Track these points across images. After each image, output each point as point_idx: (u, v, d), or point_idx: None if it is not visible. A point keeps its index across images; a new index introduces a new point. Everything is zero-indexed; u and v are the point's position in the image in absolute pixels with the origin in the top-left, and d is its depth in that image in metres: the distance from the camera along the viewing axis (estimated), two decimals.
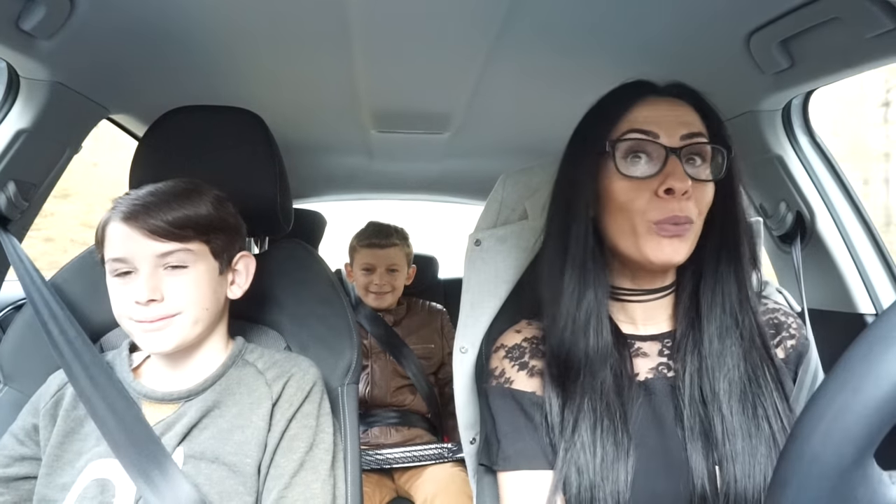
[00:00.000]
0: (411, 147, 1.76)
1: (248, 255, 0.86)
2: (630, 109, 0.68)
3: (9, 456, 0.78)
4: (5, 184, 1.01)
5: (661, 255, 0.66)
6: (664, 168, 0.65)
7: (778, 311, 0.76)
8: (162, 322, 0.74)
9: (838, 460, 0.35)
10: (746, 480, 0.63)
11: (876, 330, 0.36)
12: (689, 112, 0.69)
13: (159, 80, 1.16)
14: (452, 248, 2.44)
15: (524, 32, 0.97)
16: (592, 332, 0.69)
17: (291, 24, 0.95)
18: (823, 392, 0.36)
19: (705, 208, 0.67)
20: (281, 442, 0.77)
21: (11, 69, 0.95)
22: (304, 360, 0.86)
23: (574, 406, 0.68)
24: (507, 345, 0.77)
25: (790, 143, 1.19)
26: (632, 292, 0.73)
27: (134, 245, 0.73)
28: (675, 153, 0.65)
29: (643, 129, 0.67)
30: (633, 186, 0.67)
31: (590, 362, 0.68)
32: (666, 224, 0.65)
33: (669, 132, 0.66)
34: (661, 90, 0.71)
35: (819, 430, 0.35)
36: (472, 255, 0.91)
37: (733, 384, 0.67)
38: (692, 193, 0.65)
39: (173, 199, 0.76)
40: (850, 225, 1.17)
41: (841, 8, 0.79)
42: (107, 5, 0.86)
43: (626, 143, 0.67)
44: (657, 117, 0.67)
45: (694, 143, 0.67)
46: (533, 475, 0.70)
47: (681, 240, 0.65)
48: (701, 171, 0.68)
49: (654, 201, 0.65)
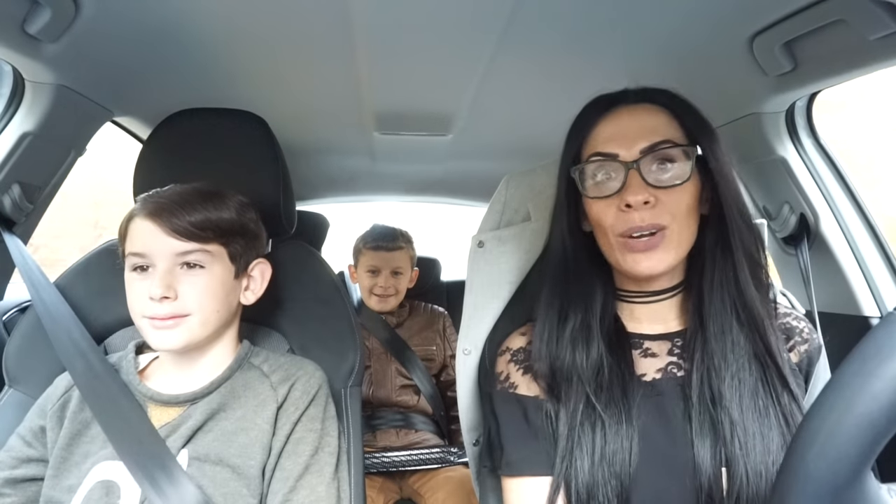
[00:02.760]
0: (414, 149, 1.77)
1: (264, 262, 0.86)
2: (592, 129, 0.71)
3: (16, 457, 0.78)
4: (10, 186, 1.01)
5: (639, 268, 0.67)
6: (625, 183, 0.67)
7: (790, 315, 0.75)
8: (173, 321, 0.74)
9: (834, 479, 0.34)
10: (758, 479, 0.63)
11: (869, 345, 0.35)
12: (654, 116, 0.69)
13: (163, 84, 1.17)
14: (455, 250, 2.44)
15: (527, 34, 0.98)
16: (581, 348, 0.70)
17: (294, 27, 0.96)
18: (818, 410, 0.36)
19: (683, 211, 0.67)
20: (286, 445, 0.78)
21: (17, 72, 0.95)
22: (310, 363, 0.86)
23: (570, 408, 0.68)
24: (512, 348, 0.77)
25: (794, 145, 1.18)
26: (637, 294, 0.74)
27: (155, 241, 0.74)
28: (635, 166, 0.66)
29: (602, 152, 0.69)
30: (602, 205, 0.69)
31: (580, 374, 0.69)
32: (628, 236, 0.66)
33: (629, 146, 0.67)
34: (628, 98, 0.72)
35: (814, 448, 0.35)
36: (474, 256, 0.91)
37: (743, 383, 0.67)
38: (660, 200, 0.66)
39: (198, 201, 0.77)
40: (854, 227, 1.17)
41: (845, 10, 0.79)
42: (111, 9, 0.86)
43: (590, 167, 0.70)
44: (618, 132, 0.69)
45: (656, 152, 0.67)
46: (536, 481, 0.70)
47: (655, 249, 0.66)
48: (672, 176, 0.68)
49: (619, 216, 0.67)
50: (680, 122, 0.70)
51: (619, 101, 0.71)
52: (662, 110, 0.70)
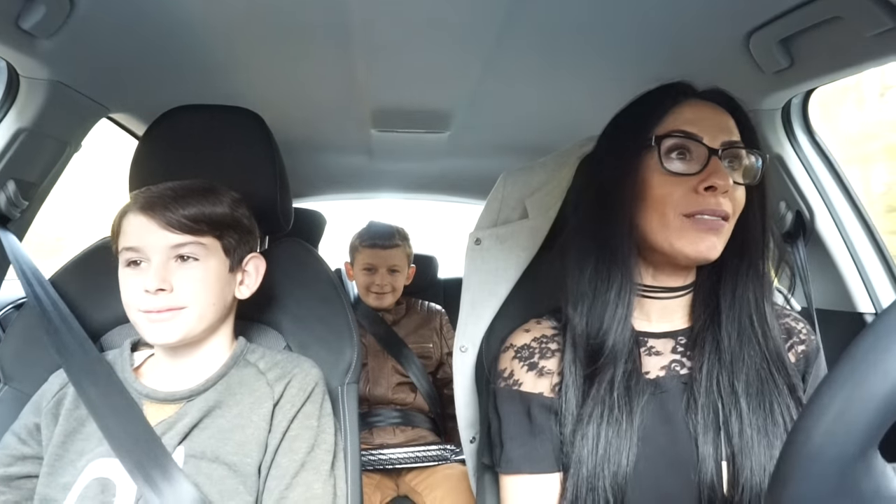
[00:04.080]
0: (411, 146, 1.76)
1: (258, 257, 0.86)
2: (674, 109, 0.70)
3: (10, 455, 0.78)
4: (5, 183, 1.01)
5: (700, 247, 0.67)
6: (706, 167, 0.67)
7: (788, 315, 0.77)
8: (169, 313, 0.74)
9: (841, 454, 0.34)
10: (763, 474, 0.64)
11: (882, 323, 0.35)
12: (727, 118, 0.71)
13: (159, 80, 1.16)
14: (452, 247, 2.44)
15: (525, 32, 0.97)
16: (619, 326, 0.70)
17: (291, 23, 0.95)
18: (828, 386, 0.36)
19: (738, 210, 0.69)
20: (282, 442, 0.77)
21: (11, 68, 0.95)
22: (306, 360, 0.86)
23: (588, 397, 0.69)
24: (516, 344, 0.77)
25: (790, 142, 1.19)
26: (651, 289, 0.74)
27: (148, 235, 0.74)
28: (717, 154, 0.67)
29: (687, 130, 0.68)
30: (672, 181, 0.68)
31: (613, 354, 0.69)
32: (699, 216, 0.66)
33: (711, 135, 0.68)
34: (701, 94, 0.73)
35: (823, 423, 0.35)
36: (472, 254, 0.91)
37: (750, 381, 0.68)
38: (731, 193, 0.67)
39: (191, 195, 0.77)
40: (849, 224, 1.18)
41: (841, 7, 0.79)
42: (107, 5, 0.86)
43: (671, 140, 0.69)
44: (700, 119, 0.69)
45: (734, 149, 0.69)
46: (536, 479, 0.70)
47: (717, 234, 0.67)
48: (736, 175, 0.69)
49: (690, 196, 0.67)
50: (741, 129, 0.71)
51: (690, 93, 0.72)
52: (730, 114, 0.71)
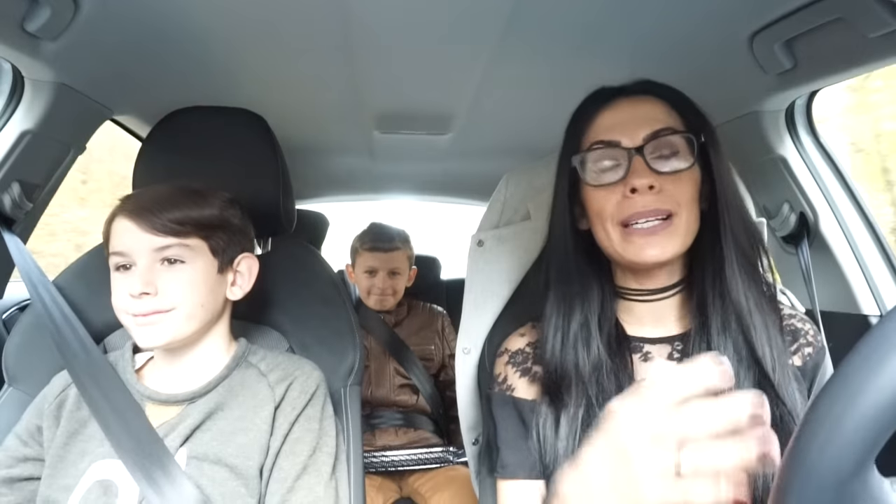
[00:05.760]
0: (413, 148, 1.76)
1: (251, 257, 0.85)
2: (593, 119, 0.71)
3: (12, 457, 0.78)
4: (9, 185, 1.01)
5: (644, 255, 0.65)
6: (629, 169, 0.66)
7: (794, 317, 0.74)
8: (156, 316, 0.74)
9: (837, 470, 0.34)
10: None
11: (874, 337, 0.35)
12: (655, 107, 0.70)
13: (163, 82, 1.17)
14: (455, 248, 2.44)
15: (527, 33, 0.97)
16: (582, 347, 0.69)
17: (294, 25, 0.95)
18: (821, 401, 0.35)
19: (690, 199, 0.67)
20: (284, 445, 0.77)
21: (16, 70, 0.95)
22: (307, 362, 0.85)
23: (570, 413, 0.68)
24: (510, 350, 0.77)
25: (794, 143, 1.18)
26: (637, 292, 0.73)
27: (133, 239, 0.74)
28: (639, 152, 0.66)
29: (604, 139, 0.69)
30: (602, 193, 0.68)
31: (580, 375, 0.69)
32: (634, 224, 0.65)
33: (632, 133, 0.67)
34: (628, 91, 0.72)
35: (817, 440, 0.34)
36: (474, 255, 0.91)
37: (740, 383, 0.66)
38: (664, 187, 0.65)
39: (178, 199, 0.77)
40: (853, 226, 1.17)
41: (844, 8, 0.79)
42: (111, 7, 0.86)
43: (592, 154, 0.69)
44: (619, 121, 0.69)
45: (659, 138, 0.67)
46: (529, 485, 0.70)
47: (661, 235, 0.65)
48: (675, 163, 0.67)
49: (623, 203, 0.66)
50: (679, 113, 0.70)
51: (620, 94, 0.72)
52: (663, 102, 0.70)
